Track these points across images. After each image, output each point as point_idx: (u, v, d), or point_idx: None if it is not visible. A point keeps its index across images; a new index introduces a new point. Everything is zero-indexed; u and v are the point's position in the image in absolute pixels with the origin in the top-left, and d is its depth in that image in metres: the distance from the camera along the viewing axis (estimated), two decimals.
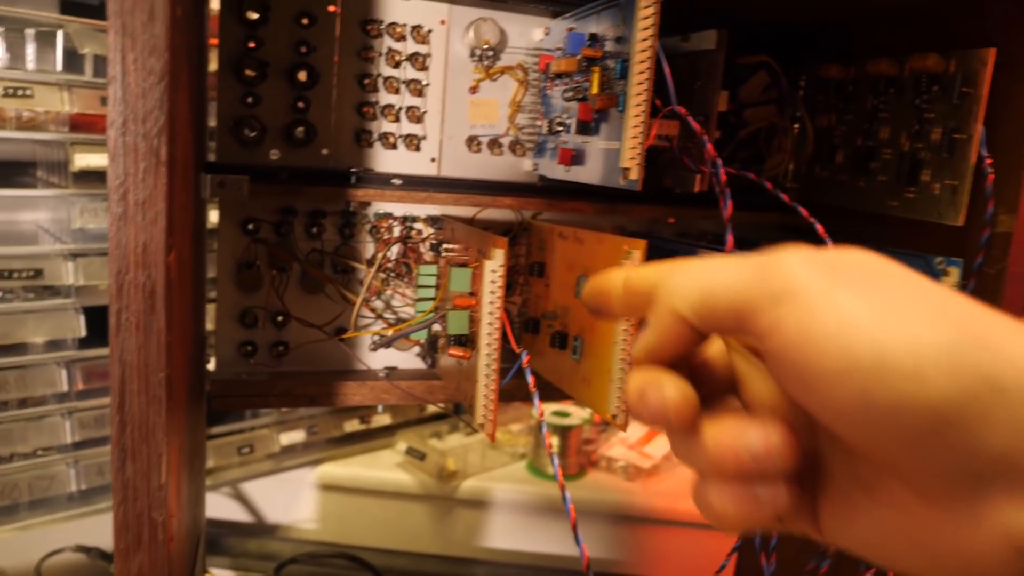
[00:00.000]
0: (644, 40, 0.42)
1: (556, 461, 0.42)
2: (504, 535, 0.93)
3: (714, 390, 0.28)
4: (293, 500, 0.92)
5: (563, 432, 0.96)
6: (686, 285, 0.25)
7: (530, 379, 0.42)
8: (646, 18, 0.41)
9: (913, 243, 0.57)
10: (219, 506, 0.90)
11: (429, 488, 0.92)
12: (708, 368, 0.29)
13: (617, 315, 0.32)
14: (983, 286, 0.53)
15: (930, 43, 0.54)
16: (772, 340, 0.22)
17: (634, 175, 0.42)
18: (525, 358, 0.43)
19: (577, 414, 0.97)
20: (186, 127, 0.41)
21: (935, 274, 0.54)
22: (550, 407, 0.99)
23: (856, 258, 0.23)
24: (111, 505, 0.74)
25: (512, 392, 0.49)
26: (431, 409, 1.03)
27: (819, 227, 0.50)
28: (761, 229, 0.66)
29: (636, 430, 1.05)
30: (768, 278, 0.23)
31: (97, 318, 0.74)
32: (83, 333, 0.72)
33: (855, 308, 0.21)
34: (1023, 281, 0.52)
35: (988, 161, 0.51)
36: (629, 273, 0.29)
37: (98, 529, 0.72)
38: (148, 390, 0.34)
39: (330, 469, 0.93)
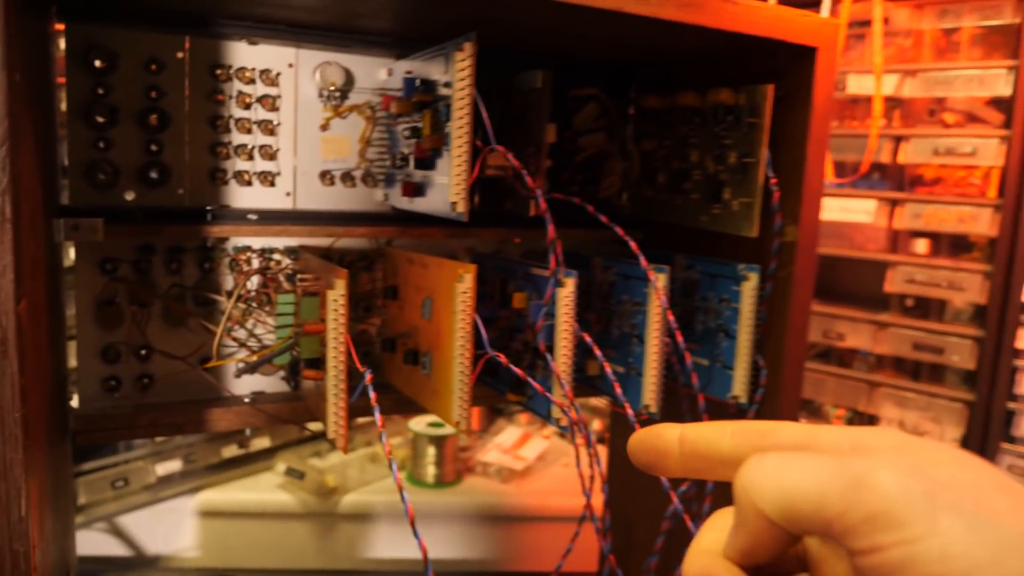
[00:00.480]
0: (462, 87, 0.47)
1: (395, 466, 0.47)
2: (385, 544, 0.97)
3: (784, 570, 0.28)
4: (173, 530, 0.93)
5: (438, 441, 1.01)
6: (768, 486, 0.23)
7: (372, 395, 0.47)
8: (462, 69, 0.47)
9: (722, 253, 0.65)
10: (95, 542, 0.89)
11: (310, 506, 0.94)
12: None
13: (674, 475, 0.29)
14: (776, 288, 0.61)
15: (726, 79, 0.62)
16: (869, 560, 0.22)
17: (461, 208, 0.48)
18: (368, 376, 0.48)
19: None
20: (33, 179, 0.43)
21: (739, 279, 0.62)
22: (425, 418, 1.03)
23: (953, 472, 0.22)
24: None
25: (364, 407, 0.53)
26: (313, 427, 1.05)
27: (632, 244, 0.57)
28: (597, 244, 0.73)
29: (510, 435, 1.10)
30: (863, 500, 0.21)
31: None
32: None
33: (960, 538, 0.20)
34: (807, 283, 0.61)
35: (773, 181, 0.59)
36: (685, 433, 0.28)
37: None
38: (4, 429, 0.36)
39: (210, 496, 0.93)
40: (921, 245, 1.03)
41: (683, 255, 0.68)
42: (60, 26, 0.55)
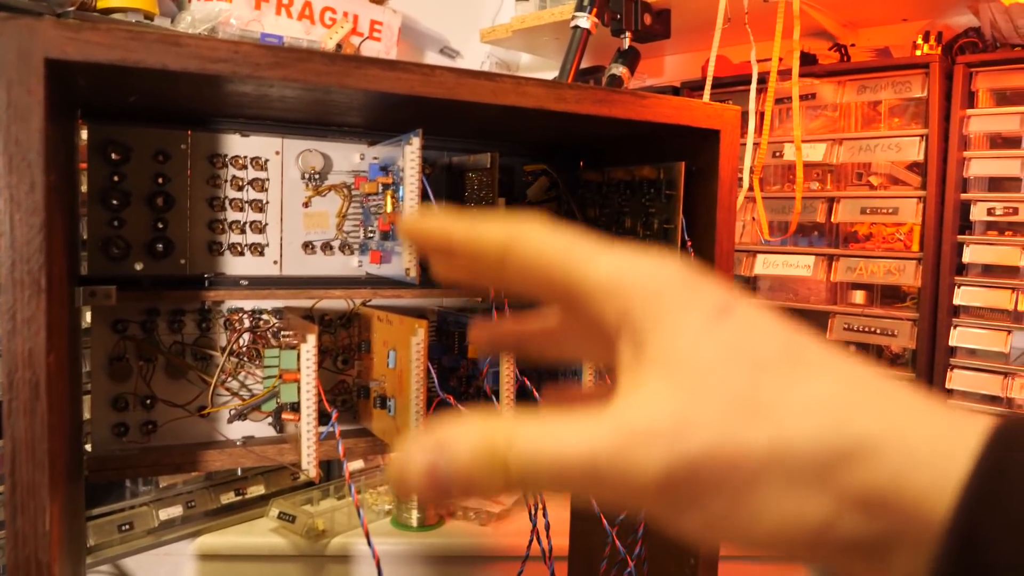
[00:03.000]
0: (412, 172, 0.57)
1: (362, 514, 0.55)
2: None
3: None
4: (174, 572, 1.00)
5: None
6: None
7: (336, 429, 0.55)
8: (412, 157, 0.57)
9: None
10: None
11: (301, 548, 1.02)
12: None
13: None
14: None
15: (649, 157, 0.72)
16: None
17: (412, 273, 0.57)
18: (334, 415, 0.56)
19: None
20: (61, 254, 0.53)
21: None
22: None
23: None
24: None
25: (349, 450, 0.62)
26: (303, 478, 1.13)
27: None
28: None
29: None
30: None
31: None
32: None
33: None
34: None
35: (689, 244, 0.69)
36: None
37: None
38: (34, 459, 0.45)
39: (208, 540, 1.01)
40: (859, 296, 1.12)
41: None
42: (82, 123, 0.66)
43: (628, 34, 1.04)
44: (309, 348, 0.55)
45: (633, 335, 0.25)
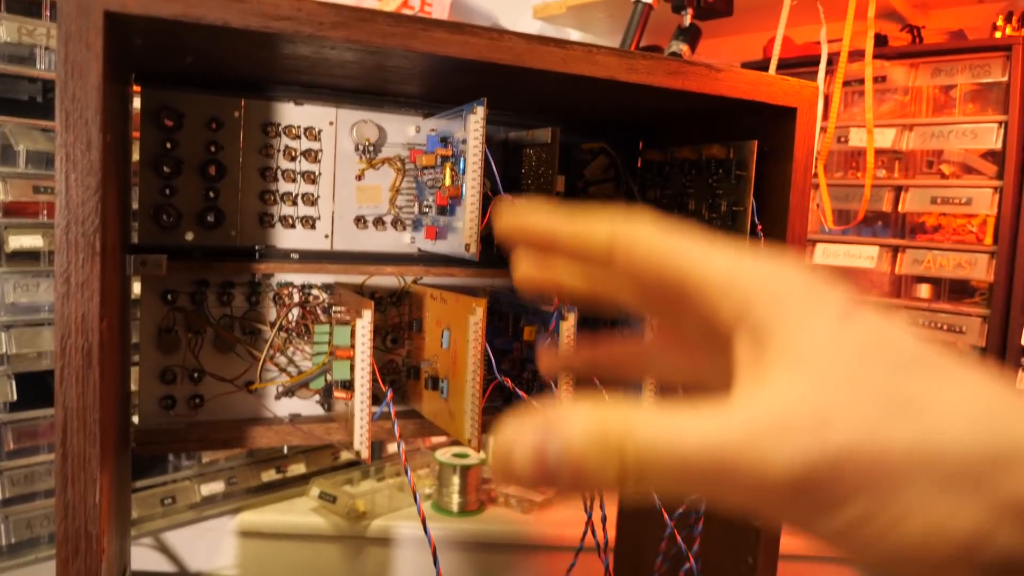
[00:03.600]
0: (475, 144, 0.55)
1: (418, 498, 0.53)
2: (411, 569, 1.02)
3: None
4: (214, 548, 0.99)
5: (463, 471, 1.06)
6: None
7: (392, 410, 0.53)
8: (475, 128, 0.54)
9: None
10: (143, 557, 0.96)
11: (341, 529, 1.00)
12: None
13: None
14: None
15: (718, 136, 0.69)
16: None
17: (472, 250, 0.55)
18: (389, 395, 0.54)
19: (476, 454, 1.08)
20: (114, 220, 0.51)
21: None
22: (451, 449, 1.09)
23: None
24: (38, 557, 0.81)
25: (391, 432, 0.60)
26: (344, 457, 1.12)
27: None
28: None
29: None
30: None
31: (26, 384, 0.82)
32: (14, 398, 0.80)
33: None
34: None
35: (759, 227, 0.66)
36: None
37: None
38: (85, 428, 0.44)
39: (249, 517, 1.00)
40: (924, 290, 1.07)
41: None
42: (137, 88, 0.64)
43: (689, 10, 1.00)
44: (364, 324, 0.53)
45: (754, 332, 0.24)
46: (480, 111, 0.55)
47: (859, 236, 1.12)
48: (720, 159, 0.68)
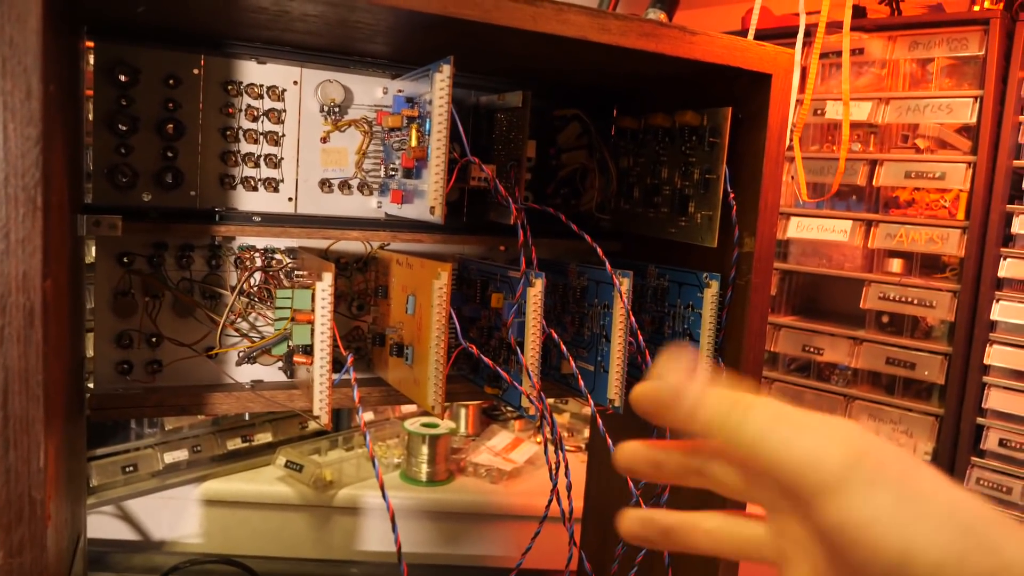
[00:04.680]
0: (441, 104, 0.53)
1: (376, 465, 0.52)
2: (378, 538, 1.02)
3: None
4: (178, 516, 0.98)
5: (432, 440, 1.06)
6: (768, 427, 0.29)
7: (352, 374, 0.52)
8: (441, 88, 0.53)
9: (688, 263, 0.70)
10: (104, 525, 0.95)
11: (308, 498, 1.00)
12: None
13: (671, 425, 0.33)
14: (736, 295, 0.66)
15: (692, 102, 0.68)
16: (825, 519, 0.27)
17: (437, 212, 0.53)
18: (350, 359, 0.53)
19: (444, 424, 1.07)
20: (61, 177, 0.49)
21: (702, 286, 0.67)
22: (420, 419, 1.08)
23: (891, 454, 0.27)
24: None
25: (349, 393, 0.59)
26: (312, 427, 1.10)
27: (599, 250, 0.63)
28: (577, 254, 0.78)
29: (502, 439, 1.15)
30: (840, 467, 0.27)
31: None
32: None
33: (886, 507, 0.26)
34: (764, 290, 0.66)
35: (732, 196, 0.65)
36: (700, 402, 0.31)
37: None
38: (28, 390, 0.42)
39: (213, 485, 0.99)
40: (896, 264, 1.07)
41: (655, 265, 0.73)
42: (90, 44, 0.62)
43: None
44: (325, 287, 0.51)
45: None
46: (447, 69, 0.53)
47: (833, 210, 1.11)
48: (694, 126, 0.67)
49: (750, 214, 0.65)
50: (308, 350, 0.57)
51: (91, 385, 0.65)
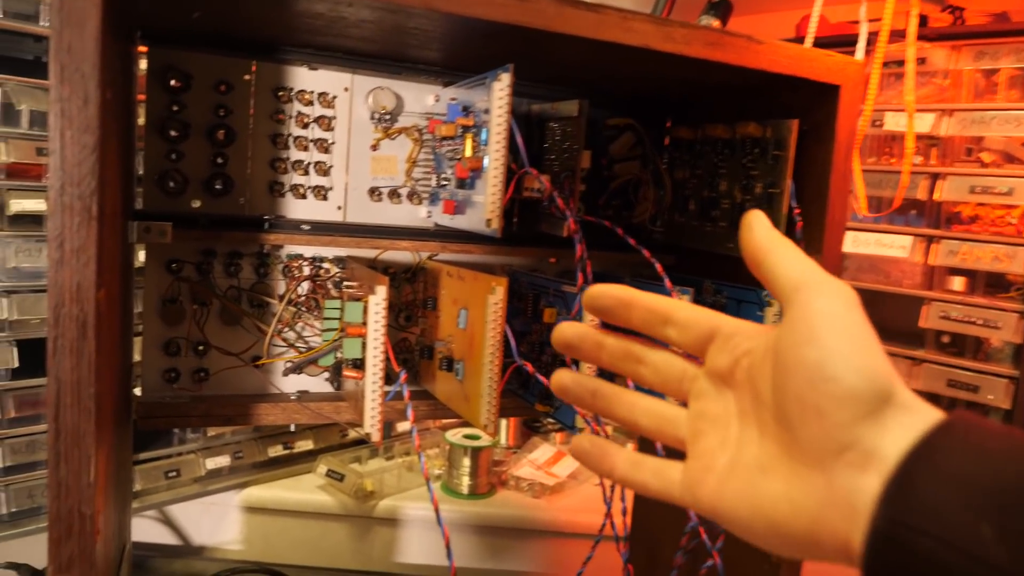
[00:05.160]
0: (500, 113, 0.51)
1: (431, 487, 0.50)
2: (419, 550, 1.00)
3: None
4: (218, 522, 0.98)
5: (474, 453, 1.04)
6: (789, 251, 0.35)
7: (406, 392, 0.51)
8: (500, 97, 0.51)
9: (747, 279, 0.67)
10: (147, 530, 0.95)
11: (348, 508, 0.98)
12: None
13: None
14: None
15: (754, 113, 0.65)
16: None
17: (494, 225, 0.52)
18: (403, 376, 0.51)
19: (486, 437, 1.05)
20: (115, 184, 0.49)
21: (762, 304, 0.64)
22: (461, 430, 1.07)
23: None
24: (41, 527, 0.79)
25: (403, 412, 0.57)
26: (353, 435, 1.10)
27: (658, 265, 0.60)
28: (630, 267, 0.76)
29: (544, 452, 1.13)
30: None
31: (29, 350, 0.80)
32: (16, 364, 0.78)
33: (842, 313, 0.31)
34: None
35: (797, 211, 0.62)
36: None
37: (28, 549, 0.76)
38: (80, 403, 0.41)
39: (254, 492, 0.98)
40: (957, 282, 1.03)
41: (711, 280, 0.70)
42: (143, 48, 0.61)
43: None
44: (378, 301, 0.50)
45: None
46: (506, 78, 0.51)
47: (891, 225, 1.07)
48: (756, 138, 0.64)
49: (816, 230, 0.62)
50: (358, 364, 0.55)
51: (138, 392, 0.64)
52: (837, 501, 0.29)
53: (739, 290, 0.67)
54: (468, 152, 0.56)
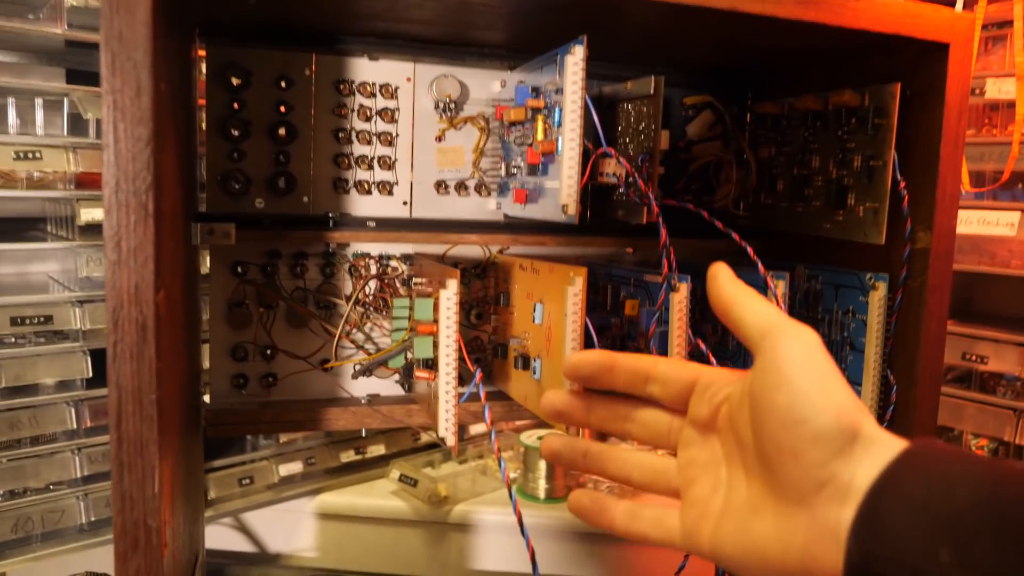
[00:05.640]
0: (574, 89, 0.47)
1: (514, 497, 0.46)
2: (495, 557, 0.97)
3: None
4: (293, 529, 0.96)
5: None
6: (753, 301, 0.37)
7: (482, 393, 0.47)
8: (574, 72, 0.47)
9: (846, 262, 0.62)
10: (223, 537, 0.94)
11: (422, 513, 0.96)
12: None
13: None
14: (908, 298, 0.58)
15: (848, 80, 0.60)
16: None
17: (571, 211, 0.48)
18: (478, 376, 0.48)
19: None
20: (174, 183, 0.47)
21: (865, 289, 0.59)
22: (537, 432, 1.03)
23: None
24: None
25: (475, 413, 0.54)
26: (425, 439, 1.07)
27: (749, 249, 0.56)
28: (712, 255, 0.71)
29: None
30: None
31: (103, 360, 0.79)
32: (90, 374, 0.77)
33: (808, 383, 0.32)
34: (943, 293, 0.57)
35: (902, 184, 0.56)
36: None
37: (107, 558, 0.76)
38: (142, 410, 0.39)
39: (327, 498, 0.96)
40: None
41: (804, 265, 0.65)
42: (202, 53, 0.60)
43: None
44: (449, 296, 0.46)
45: None
46: (579, 51, 0.47)
47: (996, 201, 0.99)
48: (852, 107, 0.59)
49: (925, 205, 0.56)
50: (429, 364, 0.52)
51: (207, 399, 0.63)
52: (822, 535, 0.30)
53: (836, 274, 0.62)
54: (540, 135, 0.53)
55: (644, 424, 0.41)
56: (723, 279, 0.37)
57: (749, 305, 0.36)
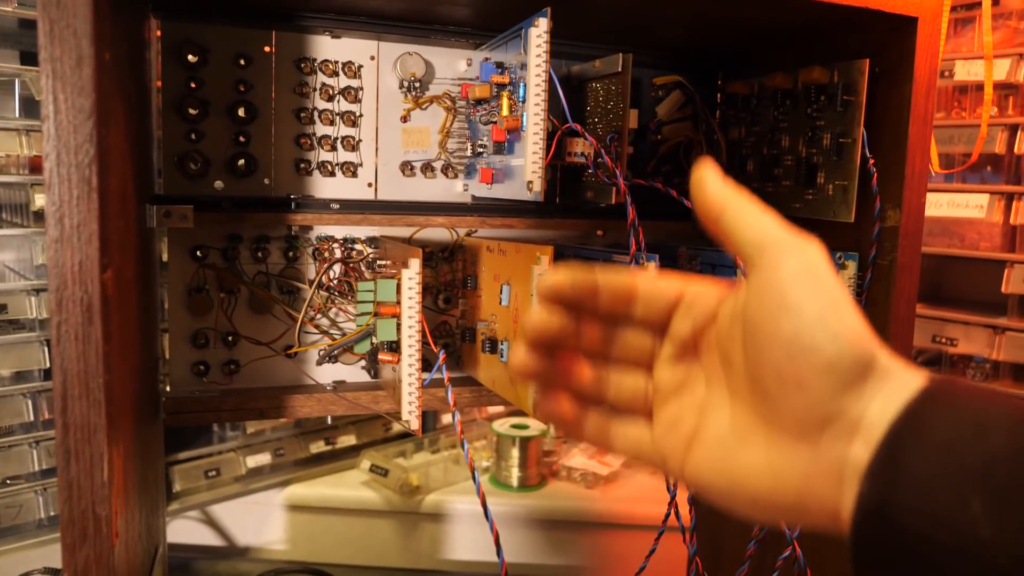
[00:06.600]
0: (538, 62, 0.46)
1: (477, 476, 0.46)
2: (468, 546, 0.96)
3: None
4: (261, 521, 0.95)
5: (522, 443, 0.99)
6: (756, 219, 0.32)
7: (445, 373, 0.46)
8: (538, 44, 0.46)
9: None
10: (189, 531, 0.92)
11: (394, 504, 0.95)
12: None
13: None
14: (878, 277, 0.57)
15: (817, 58, 0.59)
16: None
17: (536, 187, 0.47)
18: (441, 357, 0.47)
19: (535, 426, 1.01)
20: (123, 160, 0.45)
21: (838, 268, 0.58)
22: (509, 420, 1.02)
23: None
24: None
25: (443, 399, 0.53)
26: (396, 429, 1.06)
27: None
28: (682, 236, 0.70)
29: None
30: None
31: None
32: (47, 364, 0.75)
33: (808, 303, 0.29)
34: (912, 271, 0.57)
35: (871, 162, 0.56)
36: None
37: None
38: (88, 395, 0.37)
39: (297, 490, 0.95)
40: None
41: None
42: (160, 33, 0.57)
43: None
44: (412, 275, 0.45)
45: None
46: (543, 23, 0.46)
47: (965, 183, 1.00)
48: (822, 84, 0.58)
49: (894, 183, 0.56)
50: (394, 347, 0.51)
51: (168, 388, 0.61)
52: (824, 472, 0.28)
53: None
54: (505, 111, 0.51)
55: (626, 343, 0.36)
56: (711, 180, 0.32)
57: (744, 213, 0.31)
